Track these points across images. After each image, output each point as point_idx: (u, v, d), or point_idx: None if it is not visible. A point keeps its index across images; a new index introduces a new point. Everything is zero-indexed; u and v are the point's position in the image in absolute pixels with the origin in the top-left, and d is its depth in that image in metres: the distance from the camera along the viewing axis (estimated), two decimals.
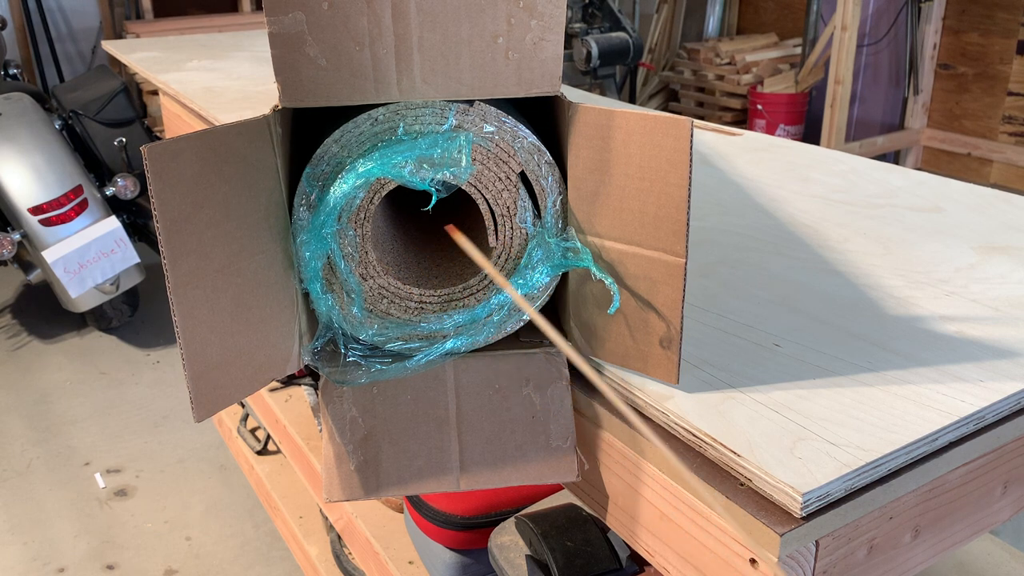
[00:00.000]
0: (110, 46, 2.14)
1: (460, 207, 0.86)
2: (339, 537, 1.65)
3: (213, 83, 1.68)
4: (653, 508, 0.70)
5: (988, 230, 1.01)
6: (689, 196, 0.64)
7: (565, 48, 0.86)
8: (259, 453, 1.96)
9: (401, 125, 0.69)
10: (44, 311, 3.23)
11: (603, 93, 3.97)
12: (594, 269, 0.70)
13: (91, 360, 2.89)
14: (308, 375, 1.80)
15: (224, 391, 0.68)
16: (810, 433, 0.63)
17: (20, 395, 2.70)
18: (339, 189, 0.69)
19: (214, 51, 2.03)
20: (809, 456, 0.60)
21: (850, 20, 3.74)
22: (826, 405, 0.67)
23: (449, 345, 0.74)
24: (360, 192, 0.70)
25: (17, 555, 2.02)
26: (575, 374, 0.77)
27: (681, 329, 0.68)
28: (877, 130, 4.37)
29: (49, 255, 2.59)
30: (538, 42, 0.68)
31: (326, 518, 1.68)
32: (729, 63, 4.75)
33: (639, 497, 0.71)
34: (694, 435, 0.65)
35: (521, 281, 0.73)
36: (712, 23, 5.23)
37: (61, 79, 4.50)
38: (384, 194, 0.70)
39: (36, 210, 2.61)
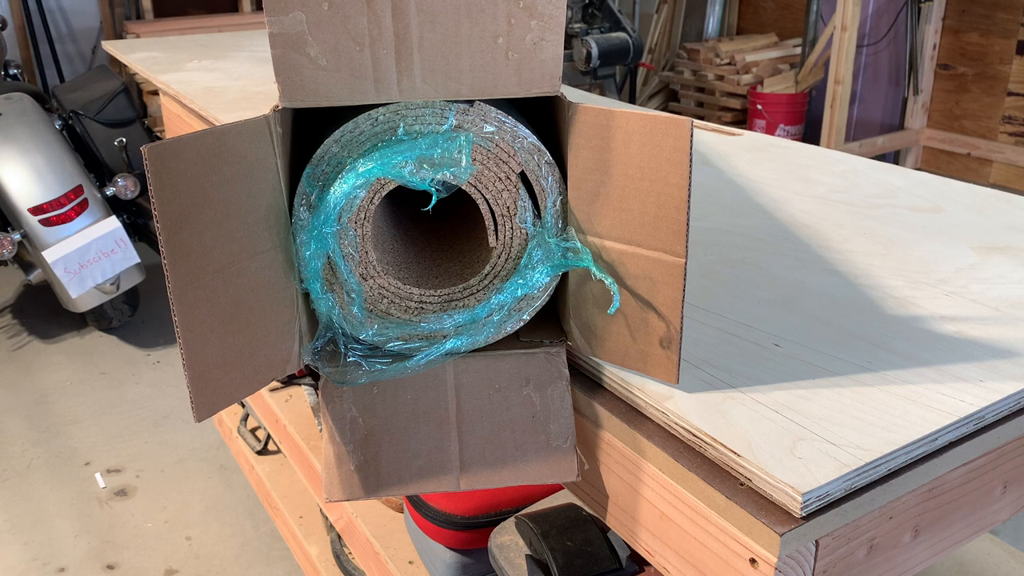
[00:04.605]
0: (110, 46, 2.14)
1: (460, 207, 0.86)
2: (339, 537, 1.65)
3: (213, 83, 1.68)
4: (653, 508, 0.70)
5: (988, 230, 1.01)
6: (689, 196, 0.64)
7: (565, 48, 0.86)
8: (259, 453, 1.96)
9: (401, 125, 0.69)
10: (44, 311, 3.23)
11: (603, 93, 3.97)
12: (594, 269, 0.70)
13: (91, 360, 2.89)
14: (308, 375, 1.80)
15: (224, 391, 0.68)
16: (810, 433, 0.63)
17: (20, 395, 2.70)
18: (339, 189, 0.69)
19: (214, 51, 2.03)
20: (809, 456, 0.61)
21: (850, 20, 3.74)
22: (826, 405, 0.67)
23: (449, 345, 0.74)
24: (360, 192, 0.70)
25: (17, 555, 2.02)
26: (575, 374, 0.77)
27: (681, 329, 0.68)
28: (877, 130, 4.37)
29: (49, 255, 2.59)
30: (538, 42, 0.68)
31: (326, 518, 1.68)
32: (729, 63, 4.75)
33: (639, 497, 0.72)
34: (694, 435, 0.65)
35: (521, 281, 0.73)
36: (712, 23, 5.23)
37: (61, 79, 4.50)
38: (384, 194, 0.70)
39: (36, 210, 2.61)
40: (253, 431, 2.02)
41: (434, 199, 0.70)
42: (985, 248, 0.96)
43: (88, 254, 2.64)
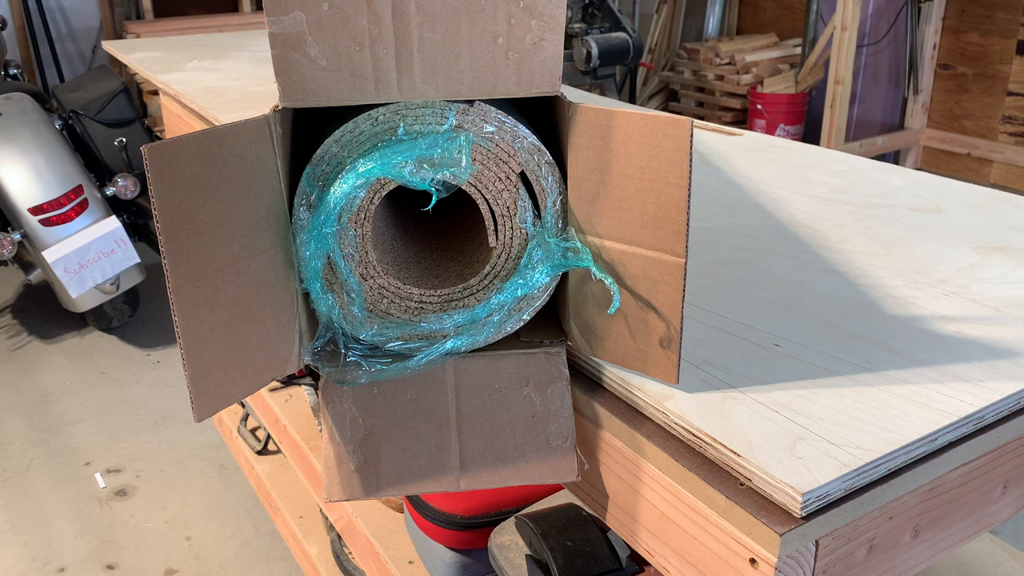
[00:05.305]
0: (110, 46, 2.14)
1: (460, 207, 0.86)
2: (339, 537, 1.65)
3: (213, 83, 1.68)
4: (653, 508, 0.70)
5: (988, 230, 1.01)
6: (689, 196, 0.64)
7: (565, 48, 0.86)
8: (259, 453, 1.96)
9: (401, 125, 0.69)
10: (44, 311, 3.23)
11: (603, 93, 3.97)
12: (594, 269, 0.70)
13: (91, 360, 2.89)
14: (308, 375, 1.80)
15: (224, 391, 0.68)
16: (810, 433, 0.63)
17: (20, 395, 2.70)
18: (339, 189, 0.69)
19: (214, 51, 2.03)
20: (809, 456, 0.61)
21: (850, 20, 3.74)
22: (826, 405, 0.67)
23: (449, 345, 0.74)
24: (360, 192, 0.70)
25: (17, 555, 2.02)
26: (575, 374, 0.77)
27: (681, 329, 0.68)
28: (877, 130, 4.37)
29: (49, 255, 2.59)
30: (538, 42, 0.68)
31: (326, 518, 1.68)
32: (729, 63, 4.75)
33: (639, 497, 0.72)
34: (694, 435, 0.65)
35: (521, 281, 0.73)
36: (712, 23, 5.23)
37: (61, 79, 4.50)
38: (384, 194, 0.70)
39: (36, 210, 2.61)
40: (253, 431, 2.02)
41: (434, 199, 0.70)
42: (985, 248, 0.96)
43: (88, 254, 2.64)
